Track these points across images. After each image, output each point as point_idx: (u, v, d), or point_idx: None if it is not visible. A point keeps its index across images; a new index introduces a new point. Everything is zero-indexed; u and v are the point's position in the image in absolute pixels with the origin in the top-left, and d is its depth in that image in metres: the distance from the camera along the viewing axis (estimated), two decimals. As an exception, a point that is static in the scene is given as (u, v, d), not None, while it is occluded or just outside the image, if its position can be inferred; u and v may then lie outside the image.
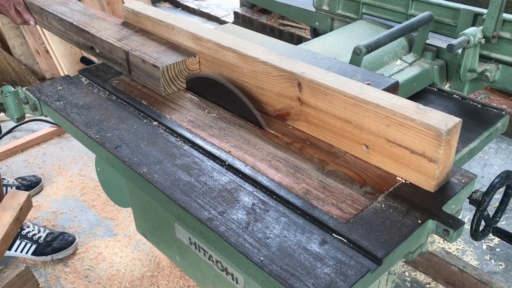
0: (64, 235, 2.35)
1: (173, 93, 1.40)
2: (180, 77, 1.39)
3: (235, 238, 0.89)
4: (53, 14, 1.69)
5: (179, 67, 1.38)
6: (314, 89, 1.11)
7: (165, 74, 1.35)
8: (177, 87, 1.40)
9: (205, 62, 1.39)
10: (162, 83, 1.36)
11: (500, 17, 1.54)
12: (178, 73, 1.38)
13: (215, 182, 1.04)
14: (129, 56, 1.42)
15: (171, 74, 1.37)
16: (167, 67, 1.34)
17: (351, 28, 1.90)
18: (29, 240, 2.28)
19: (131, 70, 1.45)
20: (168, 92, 1.38)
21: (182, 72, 1.39)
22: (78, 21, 1.61)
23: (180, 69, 1.38)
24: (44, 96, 1.40)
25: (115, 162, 1.16)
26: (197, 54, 1.39)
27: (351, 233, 0.90)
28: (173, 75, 1.37)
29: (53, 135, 3.24)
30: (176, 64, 1.36)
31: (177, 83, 1.40)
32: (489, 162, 2.94)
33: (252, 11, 4.97)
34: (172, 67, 1.36)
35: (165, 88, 1.37)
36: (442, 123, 0.92)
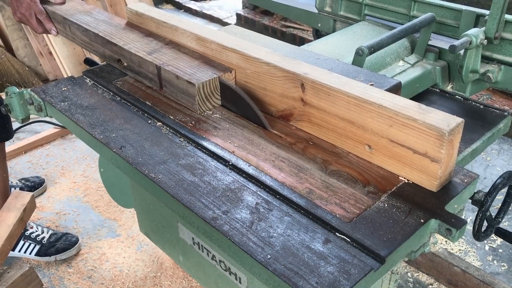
0: (67, 235, 2.36)
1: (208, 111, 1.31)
2: (215, 93, 1.30)
3: (239, 237, 0.90)
4: (76, 24, 1.60)
5: (214, 84, 1.28)
6: (317, 90, 1.11)
7: (201, 91, 1.26)
8: (212, 105, 1.31)
9: (209, 63, 1.40)
10: (198, 101, 1.26)
11: (502, 18, 1.54)
12: (213, 89, 1.29)
13: (219, 182, 1.05)
14: (161, 71, 1.33)
15: (207, 91, 1.28)
16: (203, 83, 1.25)
17: (353, 29, 1.91)
18: (32, 241, 2.29)
19: (163, 86, 1.37)
20: (203, 109, 1.29)
21: (218, 88, 1.30)
22: (104, 32, 1.53)
23: (215, 86, 1.29)
24: (49, 97, 1.41)
25: (119, 162, 1.17)
26: (233, 69, 1.30)
27: (354, 232, 0.90)
28: (208, 92, 1.28)
29: (56, 136, 3.25)
30: (212, 81, 1.27)
31: (212, 100, 1.30)
32: (492, 163, 2.94)
33: (254, 13, 4.99)
34: (208, 84, 1.27)
35: (200, 106, 1.28)
36: (445, 123, 0.92)
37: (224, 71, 1.30)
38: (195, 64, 1.34)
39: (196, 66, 1.33)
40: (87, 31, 1.57)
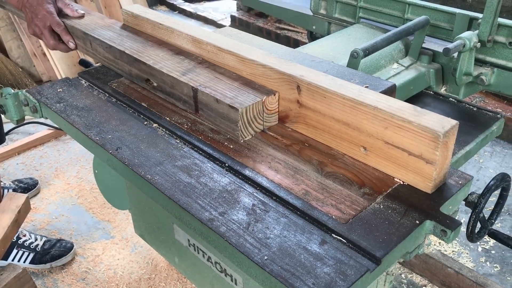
0: (62, 242, 2.33)
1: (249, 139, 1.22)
2: (258, 118, 1.20)
3: (235, 238, 0.91)
4: (99, 40, 1.51)
5: (257, 108, 1.19)
6: (312, 92, 1.12)
7: (244, 117, 1.16)
8: (254, 130, 1.21)
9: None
10: (240, 126, 1.17)
11: (495, 21, 1.56)
12: (256, 114, 1.19)
13: (216, 183, 1.05)
14: (198, 93, 1.24)
15: (250, 116, 1.18)
16: (246, 108, 1.16)
17: (348, 31, 1.92)
18: (26, 249, 2.26)
19: (199, 109, 1.27)
20: (244, 135, 1.19)
21: (261, 113, 1.20)
22: (130, 50, 1.43)
23: (258, 110, 1.20)
24: (44, 98, 1.41)
25: (115, 163, 1.17)
26: (277, 92, 1.21)
27: (350, 234, 0.91)
28: (251, 117, 1.18)
29: (50, 137, 3.24)
30: (255, 105, 1.18)
31: (254, 125, 1.20)
32: (485, 165, 2.97)
33: (248, 15, 5.00)
34: (251, 108, 1.17)
35: (242, 132, 1.18)
36: (439, 125, 0.93)
37: (267, 94, 1.21)
38: (235, 86, 1.24)
39: (236, 88, 1.23)
40: (111, 48, 1.48)
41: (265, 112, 1.21)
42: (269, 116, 1.23)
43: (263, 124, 1.23)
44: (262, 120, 1.22)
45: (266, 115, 1.22)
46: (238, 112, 1.15)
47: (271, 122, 1.24)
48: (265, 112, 1.21)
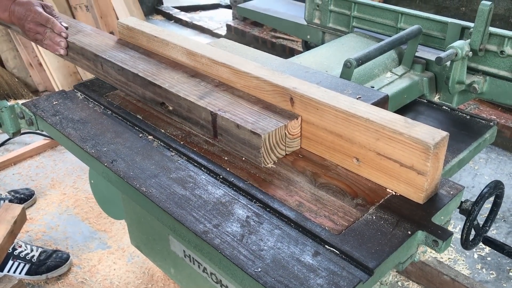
0: (58, 252, 2.32)
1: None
2: (281, 144, 1.16)
3: (230, 250, 0.91)
4: (111, 62, 1.46)
5: (280, 133, 1.14)
6: (305, 104, 1.13)
7: (266, 143, 1.12)
8: (277, 156, 1.16)
9: (199, 76, 1.41)
10: (263, 153, 1.12)
11: (486, 30, 1.58)
12: (279, 140, 1.15)
13: (210, 195, 1.06)
14: (217, 118, 1.19)
15: (272, 141, 1.13)
16: (269, 134, 1.11)
17: (342, 41, 1.94)
18: (22, 260, 2.25)
19: (218, 134, 1.22)
20: (267, 162, 1.15)
21: (283, 138, 1.15)
22: (144, 72, 1.39)
23: (281, 135, 1.15)
24: (40, 111, 1.42)
25: (111, 176, 1.17)
26: (299, 116, 1.16)
27: (343, 245, 0.92)
28: (273, 143, 1.14)
29: (46, 147, 3.24)
30: (278, 130, 1.13)
31: (277, 151, 1.16)
32: (480, 172, 2.98)
33: (244, 24, 5.02)
34: (274, 134, 1.12)
35: (264, 159, 1.14)
36: (430, 137, 0.95)
37: (290, 118, 1.16)
38: (255, 110, 1.20)
39: (257, 112, 1.19)
40: (123, 70, 1.43)
41: (288, 137, 1.16)
42: (292, 141, 1.18)
43: (285, 150, 1.18)
44: (285, 146, 1.17)
45: (288, 140, 1.17)
46: (260, 138, 1.10)
47: (293, 147, 1.19)
48: (287, 137, 1.16)
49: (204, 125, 1.25)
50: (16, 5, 1.56)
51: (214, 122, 1.21)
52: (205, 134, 1.26)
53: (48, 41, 1.58)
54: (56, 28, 1.56)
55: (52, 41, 1.58)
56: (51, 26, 1.56)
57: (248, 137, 1.13)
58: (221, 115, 1.18)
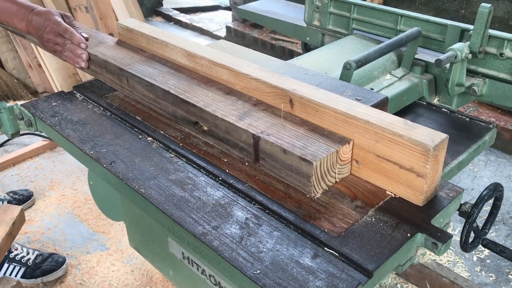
0: (54, 256, 2.30)
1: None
2: (331, 171, 1.06)
3: (229, 252, 0.91)
4: (138, 77, 1.38)
5: (331, 159, 1.04)
6: (305, 106, 1.13)
7: (317, 170, 1.02)
8: (327, 184, 1.07)
9: (199, 78, 1.41)
10: (313, 181, 1.03)
11: (486, 33, 1.58)
12: (330, 166, 1.05)
13: (209, 197, 1.06)
14: (260, 142, 1.10)
15: (323, 169, 1.03)
16: (320, 161, 1.01)
17: (341, 43, 1.94)
18: (17, 263, 2.23)
19: (260, 159, 1.13)
20: (317, 191, 1.05)
21: (334, 165, 1.06)
22: (176, 89, 1.30)
23: (332, 162, 1.05)
24: (39, 112, 1.42)
25: (110, 177, 1.17)
26: (351, 140, 1.07)
27: (342, 247, 0.92)
28: (324, 170, 1.04)
29: (45, 149, 3.24)
30: (330, 156, 1.03)
31: (327, 179, 1.06)
32: (479, 174, 2.98)
33: (244, 26, 5.03)
34: (325, 161, 1.03)
35: (315, 188, 1.04)
36: (429, 139, 0.94)
37: (341, 142, 1.06)
38: (301, 133, 1.10)
39: (303, 135, 1.09)
40: (152, 86, 1.34)
41: (339, 163, 1.07)
42: (342, 167, 1.09)
43: (336, 177, 1.08)
44: (335, 173, 1.07)
45: (339, 166, 1.07)
46: (311, 166, 1.00)
47: (343, 173, 1.10)
48: (338, 163, 1.07)
49: (244, 148, 1.15)
50: (34, 14, 1.48)
51: (256, 145, 1.11)
52: (245, 157, 1.17)
53: (68, 53, 1.50)
54: (75, 39, 1.47)
55: (73, 53, 1.49)
56: (69, 36, 1.47)
57: (296, 164, 1.04)
58: (264, 138, 1.08)
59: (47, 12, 1.48)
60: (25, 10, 1.49)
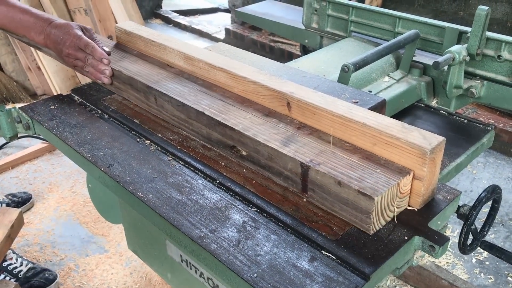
0: (45, 272, 2.24)
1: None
2: (391, 205, 0.96)
3: (226, 255, 0.91)
4: (168, 96, 1.28)
5: (392, 193, 0.94)
6: (302, 109, 1.13)
7: (378, 206, 0.92)
8: (385, 220, 0.97)
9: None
10: (373, 218, 0.93)
11: (484, 35, 1.58)
12: (390, 201, 0.95)
13: (206, 200, 1.06)
14: (310, 171, 1.00)
15: (384, 204, 0.94)
16: (381, 196, 0.92)
17: (339, 45, 1.94)
18: (8, 274, 2.21)
19: (308, 190, 1.03)
20: (376, 228, 0.95)
21: (394, 198, 0.96)
22: (210, 110, 1.20)
23: (392, 195, 0.95)
24: (37, 115, 1.42)
25: (107, 180, 1.17)
26: (411, 171, 0.97)
27: (339, 250, 0.91)
28: (384, 205, 0.94)
29: (44, 151, 3.24)
30: (391, 190, 0.94)
31: (386, 214, 0.96)
32: (478, 176, 2.98)
33: (243, 28, 5.03)
34: (386, 195, 0.93)
35: (374, 225, 0.94)
36: (426, 142, 0.94)
37: (400, 173, 0.96)
38: (354, 162, 1.00)
39: (357, 164, 1.00)
40: (184, 107, 1.25)
41: (398, 196, 0.97)
42: (401, 200, 0.99)
43: (394, 211, 0.98)
44: (394, 207, 0.98)
45: (398, 199, 0.98)
46: (372, 201, 0.91)
47: (401, 207, 1.00)
48: (398, 197, 0.97)
49: (290, 177, 1.06)
50: (53, 27, 1.40)
51: (305, 175, 1.01)
52: (289, 186, 1.08)
53: (90, 68, 1.43)
54: (97, 54, 1.40)
55: (95, 68, 1.42)
56: (91, 51, 1.40)
57: (353, 198, 0.94)
58: (315, 168, 0.99)
59: (66, 25, 1.41)
60: (42, 22, 1.41)
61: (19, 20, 1.42)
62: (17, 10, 1.42)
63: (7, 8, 1.43)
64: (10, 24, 1.44)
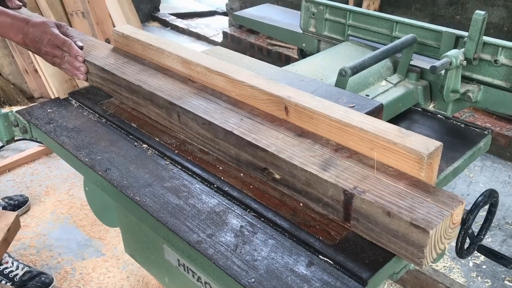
0: (42, 276, 2.24)
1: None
2: (443, 237, 0.89)
3: (223, 260, 0.91)
4: (192, 114, 1.21)
5: (445, 224, 0.88)
6: (300, 113, 1.13)
7: (432, 239, 0.85)
8: (437, 253, 0.90)
9: (194, 85, 1.41)
10: (427, 252, 0.86)
11: (481, 39, 1.58)
12: (443, 232, 0.89)
13: (204, 205, 1.06)
14: (354, 200, 0.92)
15: (437, 236, 0.87)
16: (436, 228, 0.85)
17: (337, 49, 1.95)
18: (4, 277, 2.21)
19: (352, 219, 0.95)
20: (428, 262, 0.89)
21: (447, 230, 0.89)
22: (239, 129, 1.13)
23: (446, 227, 0.88)
24: (34, 119, 1.41)
25: (104, 185, 1.17)
26: (463, 201, 0.92)
27: (337, 255, 0.92)
28: (437, 238, 0.87)
29: (41, 154, 3.23)
30: (444, 221, 0.87)
31: (438, 246, 0.89)
32: (475, 180, 2.99)
33: (240, 31, 5.04)
34: (440, 227, 0.86)
35: (426, 259, 0.87)
36: (424, 147, 0.95)
37: (452, 202, 0.90)
38: (401, 189, 0.93)
39: (405, 192, 0.92)
40: (210, 125, 1.18)
41: (450, 227, 0.91)
42: (452, 231, 0.93)
43: (446, 243, 0.91)
44: (446, 239, 0.91)
45: (450, 230, 0.91)
46: (427, 235, 0.83)
47: (451, 237, 0.93)
48: (450, 227, 0.91)
49: (330, 204, 0.98)
50: (30, 26, 1.44)
51: (348, 203, 0.94)
52: (329, 214, 1.00)
53: (67, 65, 1.47)
54: (72, 51, 1.44)
55: (71, 65, 1.47)
56: (67, 49, 1.44)
57: (404, 230, 0.87)
58: (360, 196, 0.91)
59: (42, 24, 1.45)
60: (20, 22, 1.45)
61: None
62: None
63: None
64: None
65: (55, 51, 1.45)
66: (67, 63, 1.47)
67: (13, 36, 1.47)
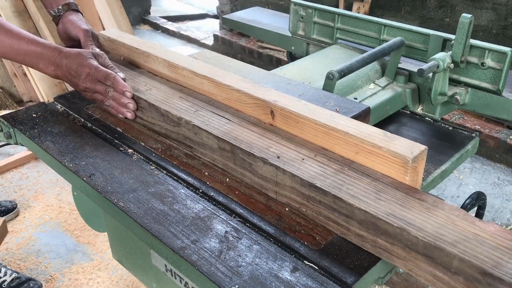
0: (30, 282, 2.22)
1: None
2: None
3: (207, 267, 0.90)
4: (263, 160, 1.03)
5: None
6: (285, 117, 1.13)
7: None
8: None
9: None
10: None
11: (467, 42, 1.59)
12: None
13: (189, 210, 1.05)
14: None
15: None
16: None
17: (325, 52, 1.94)
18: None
19: None
20: None
21: None
22: (325, 184, 0.95)
23: None
24: (19, 124, 1.40)
25: (88, 190, 1.16)
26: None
27: (322, 260, 0.91)
28: None
29: (30, 158, 3.21)
30: None
31: None
32: (464, 181, 3.00)
33: (231, 34, 5.03)
34: None
35: None
36: (408, 150, 0.94)
37: None
38: None
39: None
40: (278, 170, 1.02)
41: None
42: None
43: None
44: None
45: None
46: None
47: None
48: None
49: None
50: (63, 57, 1.31)
51: None
52: None
53: (111, 102, 1.34)
54: (118, 86, 1.30)
55: (117, 102, 1.33)
56: (111, 84, 1.30)
57: None
58: None
59: (78, 55, 1.31)
60: (51, 52, 1.32)
61: (25, 52, 1.33)
62: (22, 41, 1.32)
63: (12, 40, 1.32)
64: (17, 56, 1.34)
65: (96, 87, 1.31)
66: (112, 99, 1.33)
67: (43, 67, 1.34)
